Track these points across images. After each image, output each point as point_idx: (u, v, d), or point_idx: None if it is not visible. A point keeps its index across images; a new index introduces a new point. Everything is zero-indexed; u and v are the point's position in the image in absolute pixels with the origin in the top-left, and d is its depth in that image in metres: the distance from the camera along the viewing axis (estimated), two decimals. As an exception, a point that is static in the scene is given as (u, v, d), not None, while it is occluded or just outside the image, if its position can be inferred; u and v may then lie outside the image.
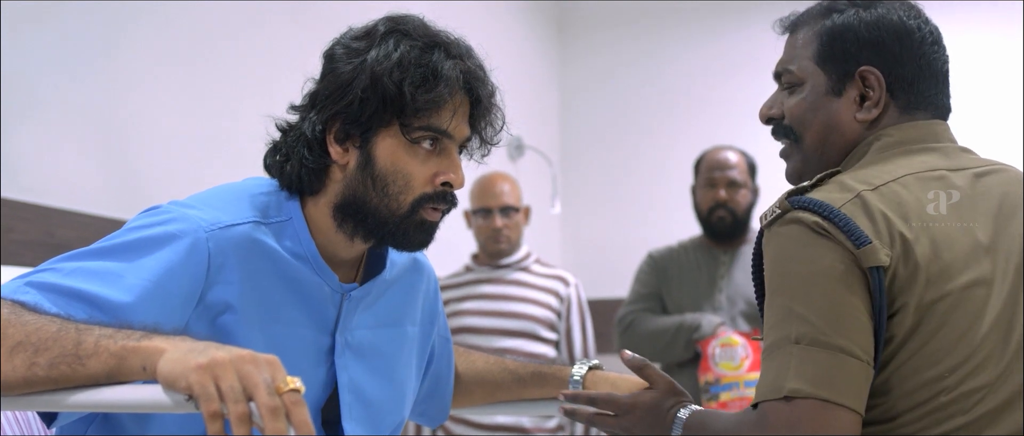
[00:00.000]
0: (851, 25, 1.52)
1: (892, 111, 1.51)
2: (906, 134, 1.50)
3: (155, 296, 1.36)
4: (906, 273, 1.36)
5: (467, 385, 1.87)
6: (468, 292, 3.60)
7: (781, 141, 1.59)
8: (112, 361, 1.16)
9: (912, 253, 1.36)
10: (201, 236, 1.42)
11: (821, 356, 1.32)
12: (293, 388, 1.09)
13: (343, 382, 1.57)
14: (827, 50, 1.53)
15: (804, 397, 1.30)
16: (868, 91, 1.51)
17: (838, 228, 1.35)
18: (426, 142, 1.51)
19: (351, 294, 1.58)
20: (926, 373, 1.36)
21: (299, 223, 1.53)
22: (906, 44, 1.51)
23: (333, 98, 1.49)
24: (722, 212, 3.43)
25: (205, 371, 1.08)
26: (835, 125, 1.52)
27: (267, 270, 1.49)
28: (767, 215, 1.42)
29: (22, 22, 2.59)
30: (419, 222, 1.52)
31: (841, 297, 1.33)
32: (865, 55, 1.51)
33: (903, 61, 1.50)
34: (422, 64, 1.48)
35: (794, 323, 1.34)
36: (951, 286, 1.37)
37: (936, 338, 1.36)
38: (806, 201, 1.38)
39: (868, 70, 1.50)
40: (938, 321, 1.36)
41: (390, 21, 1.53)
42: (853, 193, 1.39)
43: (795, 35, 1.58)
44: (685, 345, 3.27)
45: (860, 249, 1.34)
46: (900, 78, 1.51)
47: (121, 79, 2.88)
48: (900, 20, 1.51)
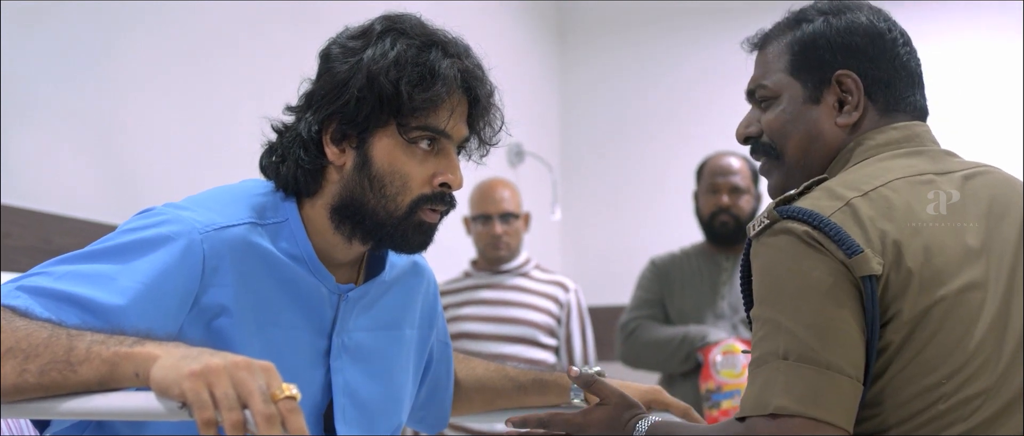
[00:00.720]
0: (822, 32, 1.52)
1: (872, 114, 1.51)
2: (888, 137, 1.49)
3: (149, 299, 1.34)
4: (899, 280, 1.34)
5: (467, 391, 1.86)
6: (467, 298, 3.58)
7: (761, 159, 1.58)
8: (104, 368, 1.14)
9: (904, 259, 1.35)
10: (195, 238, 1.41)
11: (809, 373, 1.30)
12: (289, 395, 1.07)
13: (338, 384, 1.55)
14: (800, 59, 1.52)
15: (790, 415, 1.29)
16: (846, 95, 1.50)
17: (829, 237, 1.34)
18: (424, 142, 1.50)
19: (348, 295, 1.57)
20: (922, 381, 1.34)
21: (295, 224, 1.51)
22: (879, 45, 1.51)
23: (329, 98, 1.48)
24: (725, 217, 3.43)
25: (199, 378, 1.06)
26: (816, 133, 1.51)
27: (263, 272, 1.47)
28: (755, 225, 1.41)
29: (19, 27, 2.58)
30: (417, 223, 1.51)
31: (831, 312, 1.32)
32: (840, 60, 1.50)
33: (878, 62, 1.50)
34: (419, 63, 1.47)
35: (782, 337, 1.32)
36: (945, 291, 1.35)
37: (931, 344, 1.34)
38: (795, 210, 1.37)
39: (845, 73, 1.50)
40: (933, 327, 1.34)
41: (386, 20, 1.52)
42: (843, 201, 1.38)
43: (765, 50, 1.57)
44: (686, 357, 3.25)
45: (852, 258, 1.33)
46: (876, 80, 1.50)
47: (118, 84, 2.87)
48: (870, 22, 1.52)
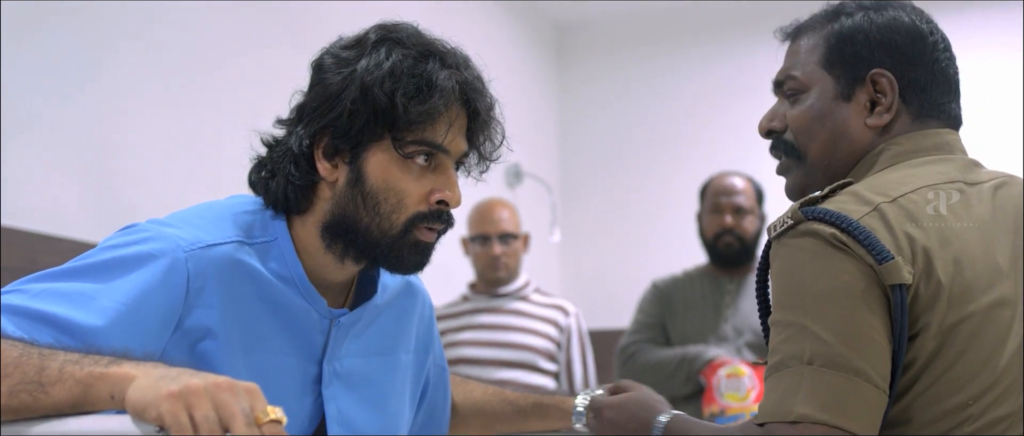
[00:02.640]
0: (861, 27, 1.47)
1: (904, 118, 1.46)
2: (918, 143, 1.44)
3: (129, 320, 1.30)
4: (928, 292, 1.29)
5: (464, 416, 1.81)
6: (465, 322, 3.54)
7: (779, 156, 1.53)
8: (78, 389, 1.10)
9: (934, 270, 1.30)
10: (180, 256, 1.36)
11: (835, 379, 1.25)
12: (274, 418, 1.03)
13: (331, 414, 1.50)
14: (836, 53, 1.47)
15: (814, 422, 1.24)
16: (879, 96, 1.45)
17: (858, 242, 1.28)
18: (420, 157, 1.45)
19: (340, 320, 1.52)
20: (949, 401, 1.29)
21: (285, 243, 1.47)
22: (919, 47, 1.46)
23: (321, 110, 1.43)
24: (729, 238, 3.39)
25: (177, 399, 1.02)
26: (843, 132, 1.46)
27: (251, 293, 1.42)
28: (777, 226, 1.35)
29: (8, 46, 2.58)
30: (413, 243, 1.46)
31: (860, 316, 1.26)
32: (877, 58, 1.45)
33: (916, 65, 1.45)
34: (416, 74, 1.42)
35: (807, 341, 1.27)
36: (974, 307, 1.30)
37: (959, 363, 1.29)
38: (822, 212, 1.31)
39: (880, 73, 1.45)
40: (961, 344, 1.29)
41: (382, 29, 1.47)
42: (871, 205, 1.32)
43: (798, 41, 1.53)
44: (687, 378, 3.22)
45: (882, 265, 1.27)
46: (913, 83, 1.45)
47: (108, 103, 2.87)
48: (912, 23, 1.47)
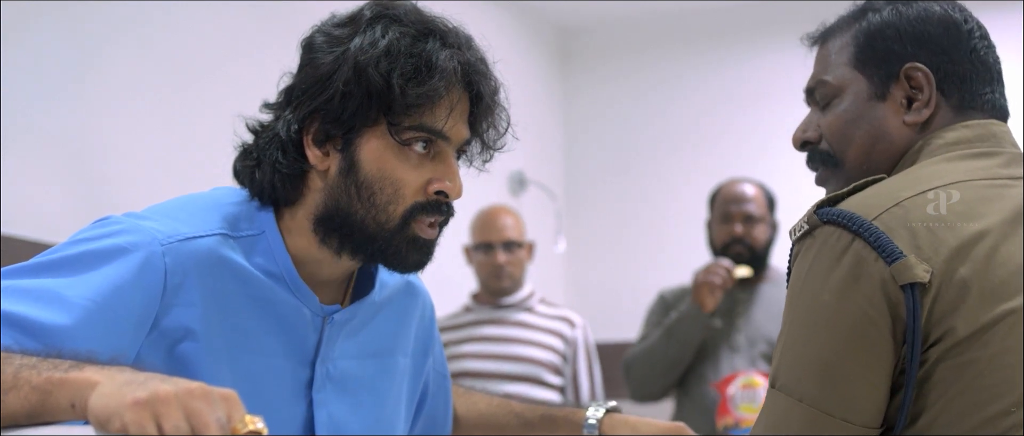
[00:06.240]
0: (891, 21, 1.40)
1: (944, 111, 1.38)
2: (959, 135, 1.37)
3: (99, 319, 1.21)
4: (951, 292, 1.21)
5: (467, 427, 1.72)
6: (468, 334, 3.50)
7: (816, 168, 1.47)
8: (34, 396, 1.02)
9: (960, 269, 1.22)
10: (156, 250, 1.27)
11: (820, 420, 1.23)
12: (253, 429, 0.95)
13: (321, 420, 1.41)
14: (867, 51, 1.41)
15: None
16: (916, 91, 1.39)
17: (868, 244, 1.22)
18: (418, 144, 1.36)
19: (334, 317, 1.43)
20: (983, 411, 1.21)
21: (273, 237, 1.38)
22: (954, 36, 1.39)
23: (311, 93, 1.34)
24: (739, 247, 3.33)
25: (144, 408, 0.94)
26: (882, 133, 1.40)
27: (235, 290, 1.34)
28: (796, 229, 1.31)
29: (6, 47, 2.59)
30: (412, 238, 1.37)
31: (855, 348, 1.23)
32: (910, 51, 1.39)
33: (952, 55, 1.38)
34: (414, 53, 1.33)
35: (804, 371, 1.26)
36: (1010, 305, 1.22)
37: (993, 368, 1.21)
38: (834, 214, 1.26)
39: (914, 67, 1.38)
40: (995, 347, 1.21)
41: (378, 5, 1.38)
42: (894, 200, 1.26)
43: (826, 46, 1.47)
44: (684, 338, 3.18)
45: (892, 266, 1.21)
46: (950, 74, 1.38)
47: (94, 107, 2.86)
48: (945, 12, 1.40)
